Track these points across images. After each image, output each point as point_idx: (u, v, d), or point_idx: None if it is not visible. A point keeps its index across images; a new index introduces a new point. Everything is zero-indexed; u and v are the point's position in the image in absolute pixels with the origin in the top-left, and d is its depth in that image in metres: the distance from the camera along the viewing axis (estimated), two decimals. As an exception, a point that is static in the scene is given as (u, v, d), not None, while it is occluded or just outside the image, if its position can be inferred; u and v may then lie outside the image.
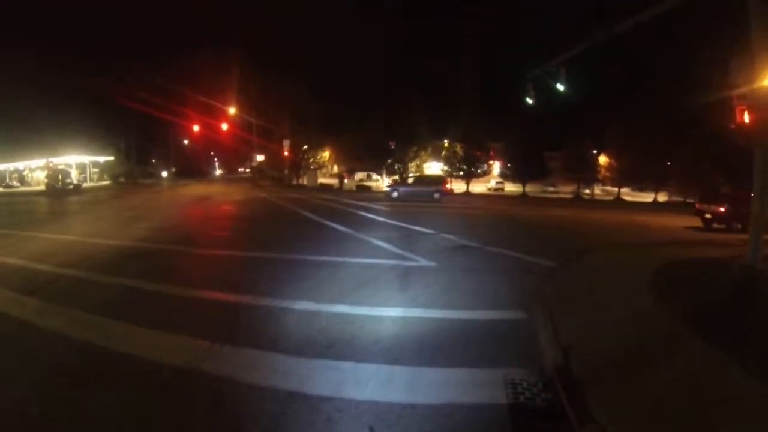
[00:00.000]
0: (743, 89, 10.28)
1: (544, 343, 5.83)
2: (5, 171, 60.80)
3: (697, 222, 22.57)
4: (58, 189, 44.48)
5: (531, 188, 57.77)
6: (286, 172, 57.66)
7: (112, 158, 65.10)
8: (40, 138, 53.01)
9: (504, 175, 60.57)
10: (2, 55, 49.12)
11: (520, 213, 28.09)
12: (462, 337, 6.15)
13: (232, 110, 48.41)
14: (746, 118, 10.21)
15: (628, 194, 59.86)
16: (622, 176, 54.99)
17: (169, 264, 10.71)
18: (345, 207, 25.79)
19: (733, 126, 11.26)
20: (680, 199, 54.44)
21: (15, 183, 61.21)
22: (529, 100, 19.45)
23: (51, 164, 53.38)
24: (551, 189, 62.19)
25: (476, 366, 5.33)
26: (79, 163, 60.90)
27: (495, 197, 50.39)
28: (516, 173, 57.02)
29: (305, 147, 58.90)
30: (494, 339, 6.10)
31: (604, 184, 61.26)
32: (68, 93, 55.61)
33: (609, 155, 56.06)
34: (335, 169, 70.65)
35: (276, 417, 4.59)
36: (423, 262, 10.54)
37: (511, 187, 60.87)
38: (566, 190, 60.94)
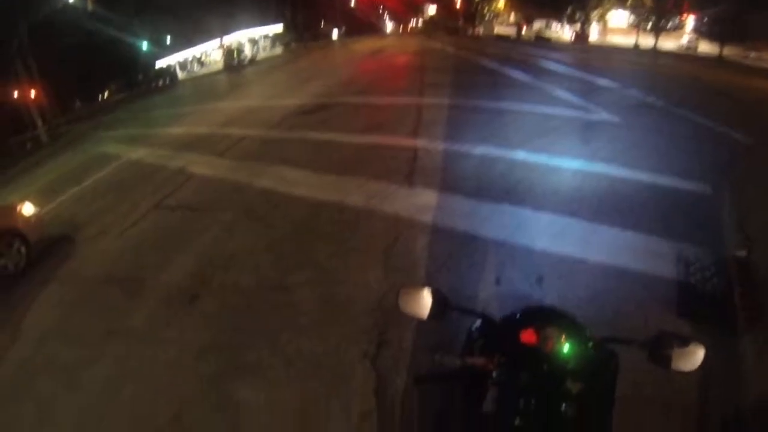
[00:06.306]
0: None
1: (727, 227, 5.31)
2: (186, 60, 64.62)
3: None
4: (235, 65, 46.89)
5: (729, 51, 49.81)
6: (461, 23, 55.18)
7: (280, 27, 66.07)
8: (214, 20, 55.25)
9: (698, 32, 52.39)
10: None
11: (718, 78, 24.55)
12: (640, 201, 5.89)
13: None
14: None
15: None
16: None
17: (345, 115, 11.08)
18: (523, 57, 23.95)
19: None
20: None
21: (196, 67, 65.12)
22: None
23: (225, 44, 56.27)
24: (753, 54, 52.69)
25: (652, 234, 5.13)
26: (251, 38, 62.68)
27: (684, 57, 44.36)
28: (713, 31, 48.99)
29: (479, -5, 55.61)
30: (673, 209, 5.74)
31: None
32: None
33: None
34: (512, 18, 66.00)
35: (450, 256, 4.96)
36: (605, 116, 9.89)
37: (705, 47, 52.92)
38: (773, 56, 51.58)
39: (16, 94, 24.76)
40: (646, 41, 49.72)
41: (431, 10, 58.40)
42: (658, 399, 3.09)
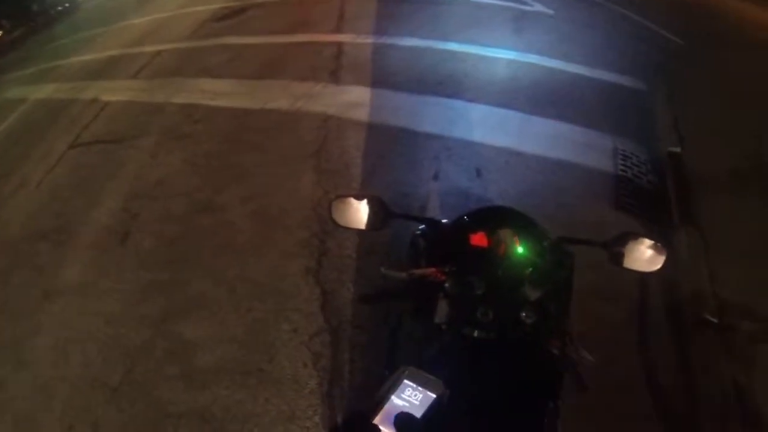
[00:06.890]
0: None
1: (661, 124, 5.31)
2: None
3: None
4: None
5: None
6: None
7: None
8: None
9: None
10: None
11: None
12: (576, 93, 5.79)
13: None
14: None
15: None
16: None
17: (264, 16, 10.13)
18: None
19: None
20: None
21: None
22: None
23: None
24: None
25: (588, 126, 5.12)
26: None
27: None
28: None
29: None
30: (608, 102, 5.70)
31: None
32: None
33: None
34: None
35: (383, 154, 4.82)
36: (540, 7, 9.31)
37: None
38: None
39: None
40: None
41: None
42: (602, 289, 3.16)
